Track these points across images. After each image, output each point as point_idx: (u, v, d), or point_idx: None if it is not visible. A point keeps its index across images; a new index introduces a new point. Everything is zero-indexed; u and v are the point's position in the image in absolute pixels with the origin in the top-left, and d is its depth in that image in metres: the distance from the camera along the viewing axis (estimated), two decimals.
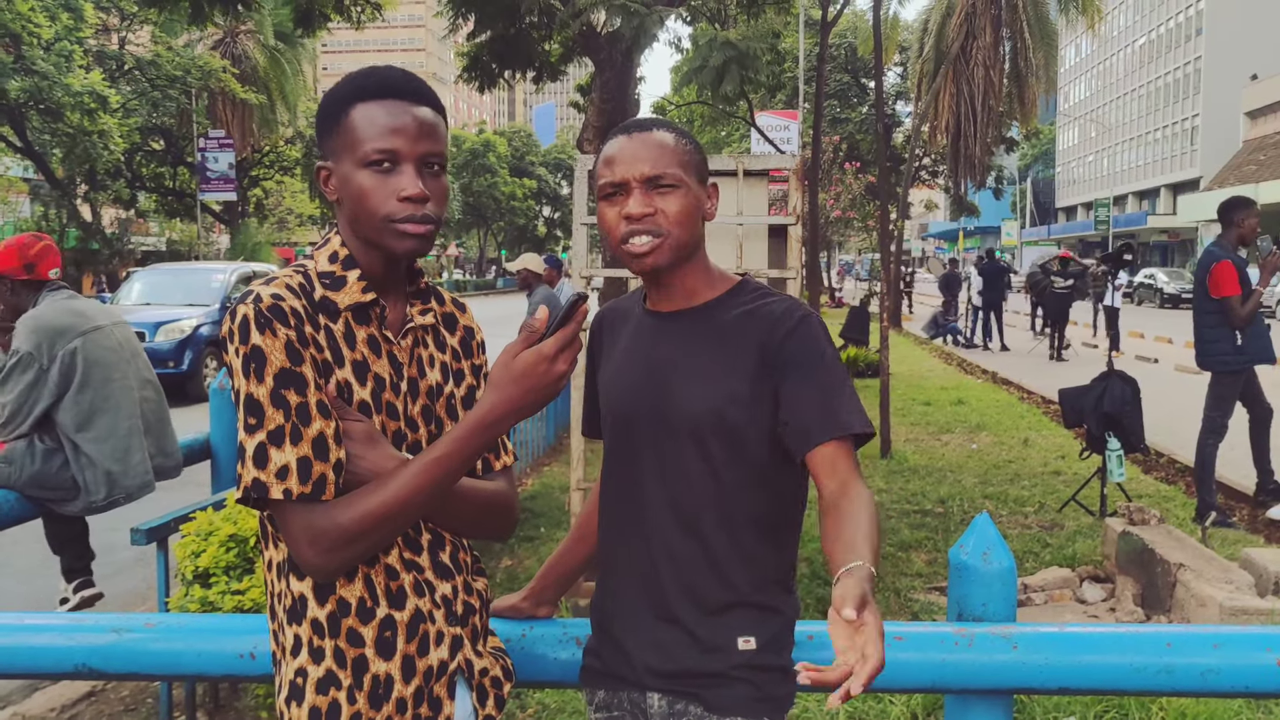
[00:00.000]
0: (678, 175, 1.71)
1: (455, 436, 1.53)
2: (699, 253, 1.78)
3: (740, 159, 4.99)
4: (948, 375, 16.30)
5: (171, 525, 3.92)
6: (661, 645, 1.74)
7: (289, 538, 1.50)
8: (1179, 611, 4.72)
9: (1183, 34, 62.15)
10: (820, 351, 1.70)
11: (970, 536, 2.12)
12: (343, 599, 1.57)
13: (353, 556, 1.51)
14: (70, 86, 23.16)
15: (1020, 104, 33.22)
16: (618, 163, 1.73)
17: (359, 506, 1.49)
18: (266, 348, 1.48)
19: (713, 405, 1.70)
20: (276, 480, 1.47)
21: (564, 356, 1.50)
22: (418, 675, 1.60)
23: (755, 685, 1.71)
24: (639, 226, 1.70)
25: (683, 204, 1.71)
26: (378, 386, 1.60)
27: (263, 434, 1.48)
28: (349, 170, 1.57)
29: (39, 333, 4.19)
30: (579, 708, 3.93)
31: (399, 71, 1.62)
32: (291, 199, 44.52)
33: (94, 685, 4.43)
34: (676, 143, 1.75)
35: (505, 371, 1.51)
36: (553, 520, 6.89)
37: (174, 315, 14.05)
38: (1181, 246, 57.12)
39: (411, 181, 1.56)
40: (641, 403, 1.77)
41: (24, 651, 2.14)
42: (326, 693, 1.56)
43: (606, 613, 1.84)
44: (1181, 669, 1.96)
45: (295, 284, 1.56)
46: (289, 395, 1.48)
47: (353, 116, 1.57)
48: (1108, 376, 7.11)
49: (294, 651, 1.58)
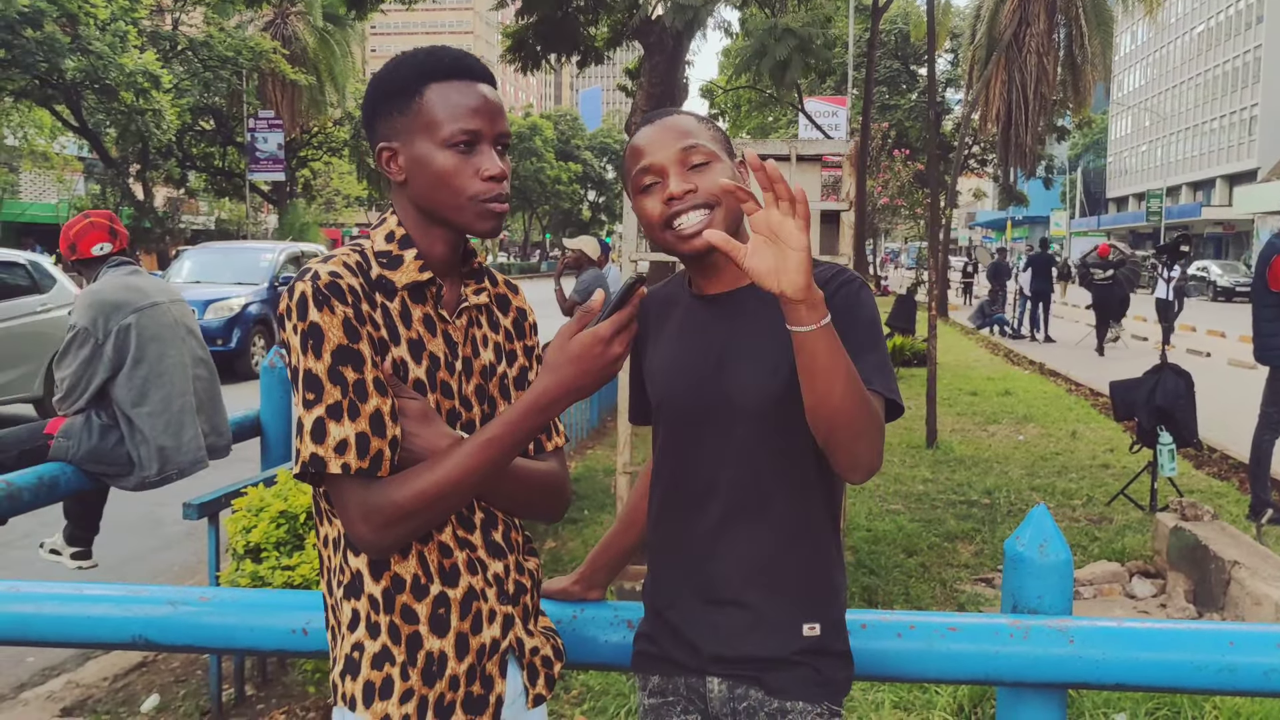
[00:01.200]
0: (710, 150, 1.70)
1: (509, 418, 1.52)
2: (741, 230, 1.75)
3: (794, 144, 4.94)
4: (994, 365, 16.14)
5: (223, 501, 3.97)
6: (722, 630, 1.73)
7: (343, 513, 1.51)
8: (1232, 609, 4.64)
9: (1242, 21, 60.89)
10: (856, 313, 1.66)
11: (1027, 528, 2.09)
12: (397, 575, 1.58)
13: (406, 533, 1.52)
14: (124, 66, 23.43)
15: (1074, 92, 32.71)
16: (647, 150, 1.71)
17: (413, 484, 1.49)
18: (324, 324, 1.48)
19: (776, 382, 1.67)
20: (335, 455, 1.48)
21: (620, 339, 1.48)
22: (470, 653, 1.61)
23: (816, 669, 1.70)
24: (683, 205, 1.68)
25: (721, 174, 1.69)
26: (433, 365, 1.61)
27: (321, 409, 1.48)
28: (427, 151, 1.57)
29: (95, 308, 4.25)
30: (623, 690, 3.94)
31: (460, 51, 1.63)
32: (339, 180, 44.87)
33: (145, 656, 4.50)
34: (700, 122, 1.75)
35: (561, 353, 1.50)
36: (596, 504, 6.91)
37: (223, 294, 14.23)
38: (1236, 239, 56.07)
39: (493, 161, 1.58)
40: (702, 388, 1.74)
41: (82, 621, 2.17)
42: (381, 668, 1.57)
43: (663, 598, 1.82)
44: (1244, 668, 1.91)
45: (352, 262, 1.57)
46: (346, 371, 1.49)
47: (428, 97, 1.57)
48: (1160, 369, 7.00)
49: (350, 626, 1.59)
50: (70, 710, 4.07)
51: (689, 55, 13.09)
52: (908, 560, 5.73)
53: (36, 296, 10.01)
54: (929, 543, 6.09)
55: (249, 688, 4.15)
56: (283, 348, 1.54)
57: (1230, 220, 56.13)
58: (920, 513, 6.79)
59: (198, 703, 4.04)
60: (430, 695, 1.58)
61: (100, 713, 4.03)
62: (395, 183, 1.62)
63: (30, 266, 10.21)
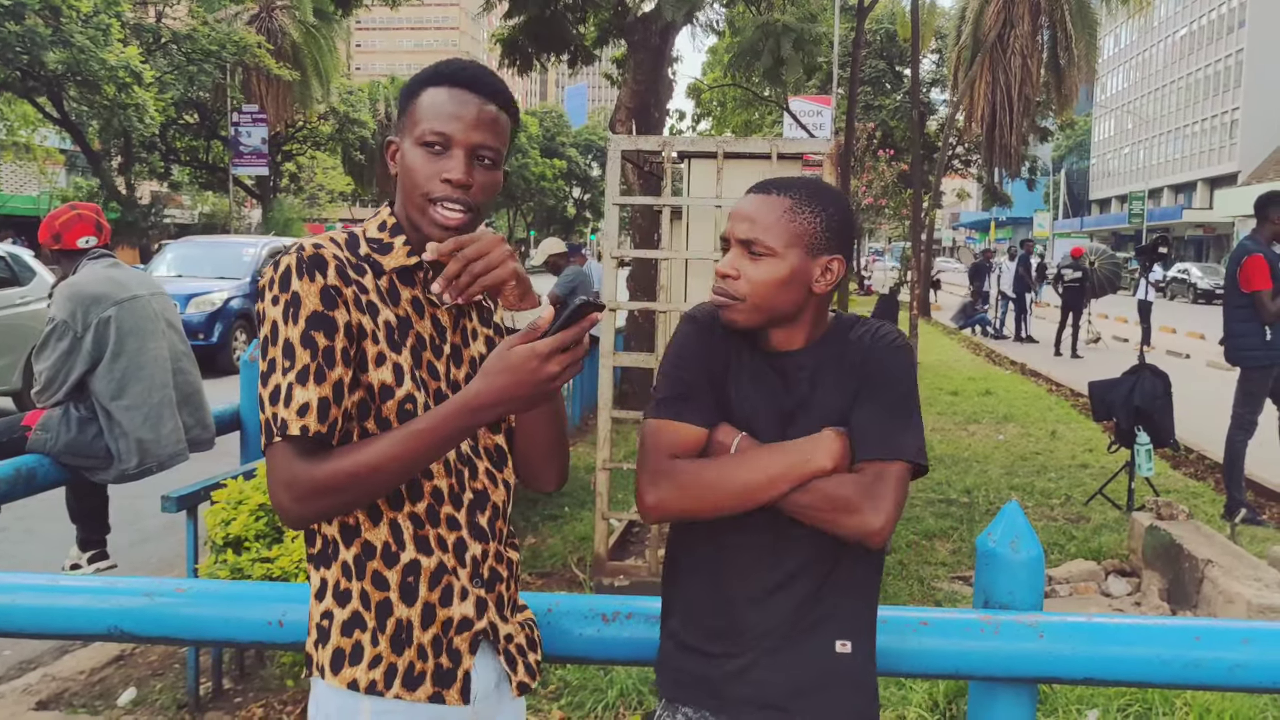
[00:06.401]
0: (771, 246, 1.71)
1: (438, 415, 1.53)
2: (801, 317, 1.76)
3: (775, 142, 4.97)
4: (976, 365, 16.21)
5: (202, 494, 3.96)
6: (765, 681, 1.74)
7: (270, 478, 1.53)
8: (1206, 607, 4.69)
9: (1225, 26, 61.23)
10: (898, 378, 1.72)
11: (999, 524, 2.11)
12: (368, 542, 1.61)
13: (323, 508, 1.53)
14: (106, 61, 23.30)
15: (1058, 94, 32.84)
16: (731, 217, 1.77)
17: (334, 463, 1.51)
18: (303, 292, 1.53)
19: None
20: (296, 418, 1.50)
21: (559, 358, 1.47)
22: (436, 624, 1.63)
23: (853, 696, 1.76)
24: (719, 284, 1.75)
25: (771, 273, 1.71)
26: (418, 344, 1.64)
27: (292, 375, 1.52)
28: (406, 147, 1.63)
29: (74, 300, 4.24)
30: (600, 685, 3.95)
31: (479, 67, 1.68)
32: (324, 175, 44.72)
33: (123, 649, 4.49)
34: (792, 211, 1.73)
35: (497, 360, 1.50)
36: (577, 500, 6.91)
37: (205, 288, 14.16)
38: (1217, 241, 56.42)
39: (458, 166, 1.60)
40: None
41: (57, 612, 2.17)
42: (350, 634, 1.60)
43: (714, 638, 1.79)
44: (1210, 663, 1.94)
45: (341, 240, 1.64)
46: (318, 337, 1.52)
47: (421, 98, 1.64)
48: (1139, 370, 7.05)
49: (319, 595, 1.64)
50: (46, 703, 4.05)
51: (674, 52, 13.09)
52: (886, 558, 5.75)
53: (15, 289, 9.94)
54: (907, 541, 6.12)
55: (227, 681, 4.14)
56: (259, 320, 1.56)
57: (1211, 223, 56.49)
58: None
59: (175, 696, 4.03)
60: (399, 663, 1.60)
61: (76, 706, 4.02)
62: (393, 175, 1.68)
63: (9, 259, 10.14)
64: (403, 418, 1.59)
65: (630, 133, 9.83)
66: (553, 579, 5.49)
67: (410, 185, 1.62)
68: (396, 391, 1.59)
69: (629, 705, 3.85)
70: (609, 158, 5.13)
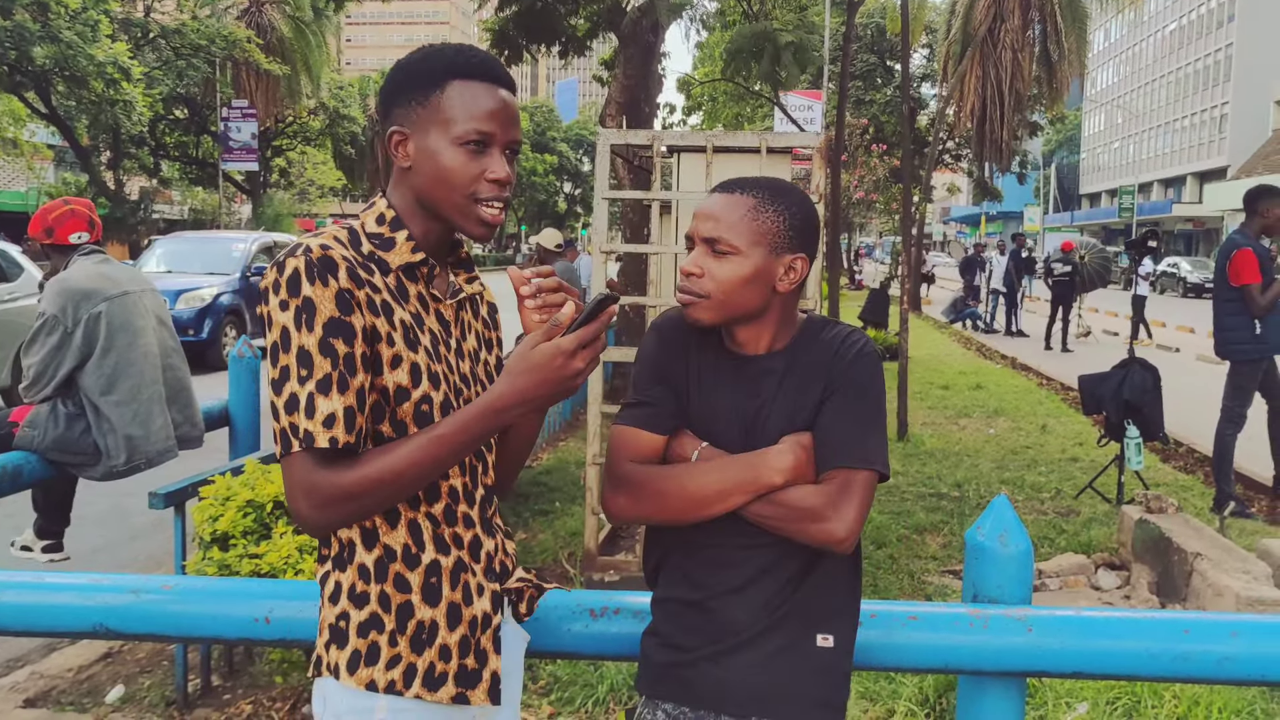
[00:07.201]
0: (735, 244, 1.72)
1: (461, 418, 1.53)
2: (766, 315, 1.77)
3: (764, 136, 4.96)
4: (966, 360, 16.23)
5: (189, 490, 3.95)
6: (744, 680, 1.74)
7: (288, 488, 1.50)
8: (1195, 600, 4.70)
9: (1214, 20, 61.36)
10: (867, 386, 1.73)
11: (988, 518, 2.11)
12: (388, 545, 1.59)
13: (345, 515, 1.52)
14: (94, 56, 23.17)
15: (1048, 88, 32.86)
16: (695, 216, 1.77)
17: (359, 470, 1.49)
18: (317, 298, 1.48)
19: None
20: (324, 429, 1.48)
21: (583, 354, 1.49)
22: (463, 624, 1.62)
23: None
24: (684, 282, 1.75)
25: (735, 271, 1.72)
26: (433, 340, 1.63)
27: (312, 384, 1.48)
28: (438, 144, 1.58)
29: (64, 295, 4.21)
30: (590, 680, 3.95)
31: (487, 54, 1.66)
32: (314, 170, 44.56)
33: (111, 646, 4.47)
34: (755, 210, 1.74)
35: (521, 360, 1.50)
36: (567, 495, 6.91)
37: (194, 284, 14.11)
38: (1206, 235, 56.56)
39: (501, 165, 1.60)
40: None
41: (43, 610, 2.16)
42: (367, 635, 1.58)
43: (689, 633, 1.79)
44: (1198, 656, 1.95)
45: (344, 238, 1.60)
46: (337, 344, 1.49)
47: (448, 92, 1.59)
48: (1129, 364, 7.06)
49: (333, 598, 1.61)
50: (34, 701, 4.03)
51: (663, 47, 13.08)
52: (876, 552, 5.76)
53: (3, 285, 9.90)
54: (898, 535, 6.13)
55: (215, 678, 4.13)
56: (263, 323, 1.53)
57: (1200, 217, 56.63)
58: (889, 505, 6.82)
59: (163, 693, 4.02)
60: (419, 663, 1.59)
61: (64, 704, 4.00)
62: (399, 168, 1.64)
63: None
64: (418, 418, 1.57)
65: (620, 127, 9.81)
66: (543, 574, 5.48)
67: (448, 185, 1.59)
68: (413, 393, 1.57)
69: (619, 700, 3.85)
70: (598, 152, 5.11)
